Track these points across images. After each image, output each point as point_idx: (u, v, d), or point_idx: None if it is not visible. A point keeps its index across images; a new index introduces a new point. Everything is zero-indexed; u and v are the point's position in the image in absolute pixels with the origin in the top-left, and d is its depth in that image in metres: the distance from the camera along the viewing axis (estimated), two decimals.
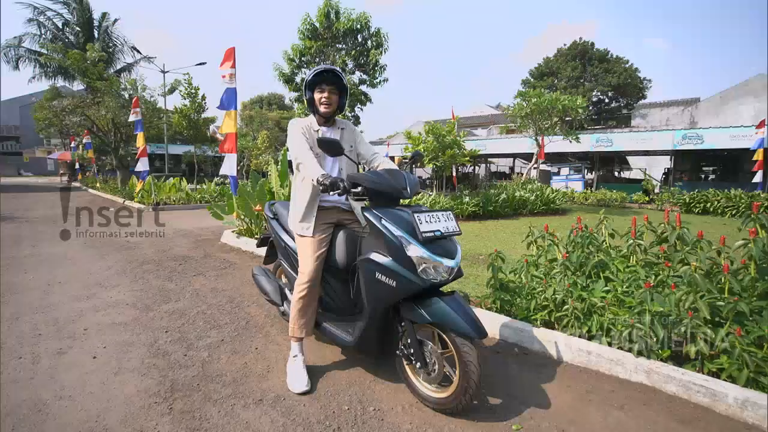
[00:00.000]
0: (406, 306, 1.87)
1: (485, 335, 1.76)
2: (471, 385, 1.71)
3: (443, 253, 1.81)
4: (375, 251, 1.88)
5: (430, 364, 1.88)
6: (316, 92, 2.24)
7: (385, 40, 16.61)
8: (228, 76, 6.25)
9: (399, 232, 1.80)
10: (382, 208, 1.93)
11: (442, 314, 1.76)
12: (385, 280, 1.82)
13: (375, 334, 1.99)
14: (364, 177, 1.99)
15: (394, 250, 1.80)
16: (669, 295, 2.34)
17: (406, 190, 1.96)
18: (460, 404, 1.77)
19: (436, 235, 1.81)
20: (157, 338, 2.67)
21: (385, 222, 1.85)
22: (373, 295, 1.89)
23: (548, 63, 29.44)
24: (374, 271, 1.85)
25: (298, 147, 2.16)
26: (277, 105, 38.31)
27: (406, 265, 1.77)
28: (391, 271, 1.79)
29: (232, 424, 1.76)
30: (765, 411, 1.80)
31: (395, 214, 1.88)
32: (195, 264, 4.72)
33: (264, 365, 2.30)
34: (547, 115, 12.18)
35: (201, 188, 13.81)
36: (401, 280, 1.77)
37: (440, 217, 1.92)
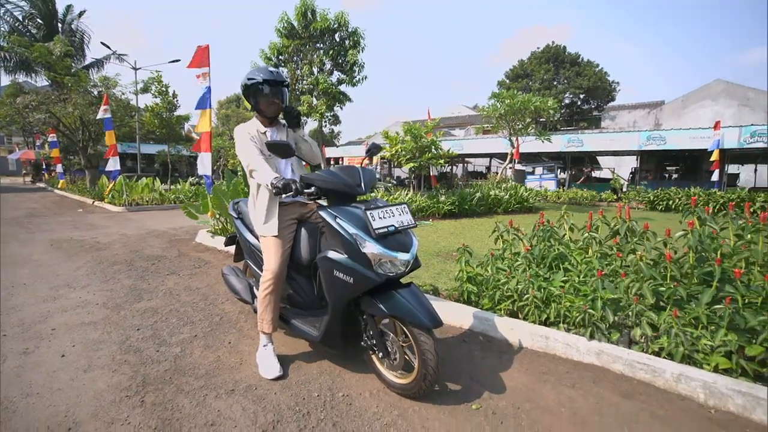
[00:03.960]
0: (366, 300, 1.94)
1: (440, 324, 1.83)
2: (429, 371, 1.80)
3: (398, 247, 1.87)
4: (332, 249, 1.93)
5: (392, 354, 1.97)
6: (259, 96, 2.23)
7: (362, 38, 16.68)
8: (202, 76, 6.20)
9: (354, 230, 1.84)
10: (338, 207, 1.96)
11: (399, 307, 1.83)
12: (342, 277, 1.86)
13: (339, 328, 2.04)
14: (316, 177, 2.01)
15: (350, 248, 1.84)
16: (619, 283, 2.53)
17: (360, 186, 1.99)
18: (422, 389, 1.86)
19: (389, 230, 1.86)
20: (129, 336, 2.67)
21: (339, 221, 1.89)
22: (332, 291, 1.94)
23: (523, 65, 30.22)
24: (332, 268, 1.89)
25: (248, 153, 2.16)
26: None
27: (361, 261, 1.82)
28: (348, 268, 1.84)
29: (204, 413, 1.81)
30: (697, 383, 1.99)
31: (349, 212, 1.92)
32: (168, 263, 4.68)
33: (237, 358, 2.35)
34: (521, 116, 12.55)
35: (175, 188, 13.51)
36: (357, 276, 1.83)
37: (394, 211, 1.96)
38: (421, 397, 1.93)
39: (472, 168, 28.52)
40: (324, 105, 16.31)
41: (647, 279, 2.49)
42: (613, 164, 22.92)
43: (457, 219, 8.80)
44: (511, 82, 29.57)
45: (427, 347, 1.80)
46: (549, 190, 16.83)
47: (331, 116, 18.49)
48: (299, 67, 17.48)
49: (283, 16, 16.29)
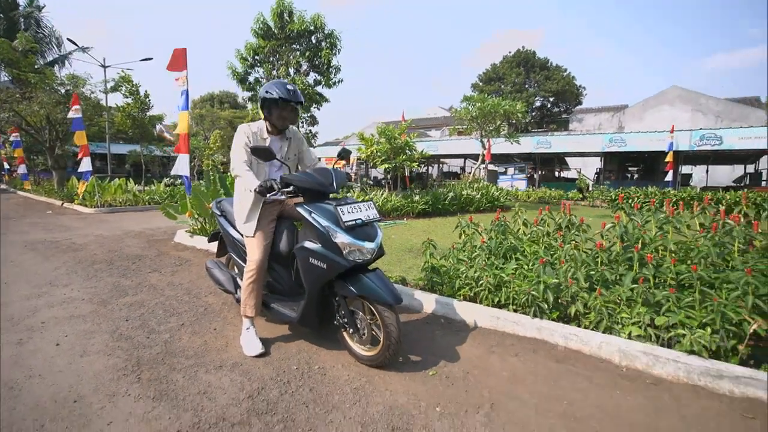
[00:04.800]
0: (338, 283, 2.25)
1: (400, 301, 2.16)
2: (392, 341, 2.12)
3: (365, 237, 2.19)
4: (308, 240, 2.23)
5: (361, 330, 2.30)
6: (274, 109, 2.46)
7: (338, 41, 16.91)
8: (180, 79, 6.32)
9: (326, 223, 2.14)
10: (312, 203, 2.26)
11: (366, 287, 2.14)
12: (317, 263, 2.16)
13: (314, 310, 2.34)
14: (294, 177, 2.32)
15: (323, 238, 2.14)
16: (559, 269, 2.94)
17: (332, 185, 2.30)
18: (386, 358, 2.18)
19: (357, 223, 2.19)
20: (118, 326, 2.87)
21: (314, 215, 2.19)
22: (309, 276, 2.23)
23: (495, 69, 31.20)
24: (308, 256, 2.19)
25: (236, 159, 2.42)
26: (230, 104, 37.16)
27: (333, 250, 2.12)
28: (322, 256, 2.14)
29: (196, 384, 2.08)
30: (614, 348, 2.41)
31: (322, 207, 2.22)
32: (149, 262, 4.82)
33: (223, 342, 2.61)
34: (491, 118, 13.13)
35: (149, 189, 13.34)
36: (330, 262, 2.13)
37: (362, 207, 2.30)
38: (387, 366, 2.25)
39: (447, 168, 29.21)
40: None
41: (582, 265, 2.91)
42: (580, 165, 24.07)
43: (430, 218, 9.20)
44: (484, 85, 30.47)
45: (390, 321, 2.11)
46: (520, 190, 17.58)
47: (309, 117, 18.63)
48: (275, 68, 17.53)
49: (258, 16, 16.32)
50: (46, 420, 1.79)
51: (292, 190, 2.29)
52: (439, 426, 1.77)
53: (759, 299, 2.22)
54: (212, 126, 25.91)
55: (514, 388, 2.10)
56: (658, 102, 25.20)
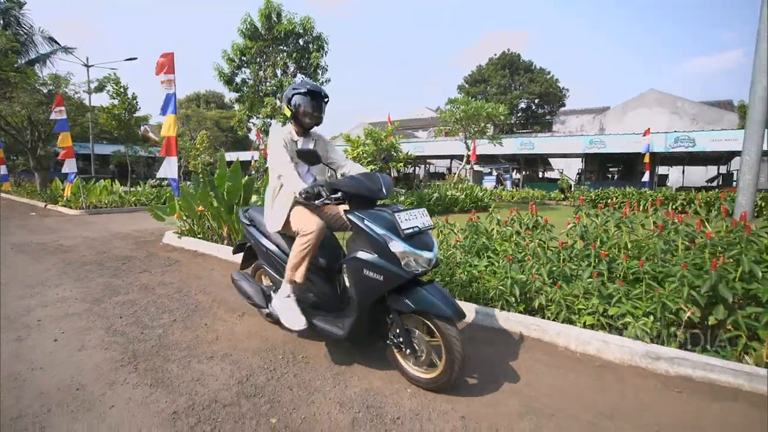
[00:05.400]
0: (392, 297, 2.05)
1: (463, 316, 2.00)
2: (457, 361, 1.93)
3: (423, 246, 2.03)
4: (361, 250, 2.04)
5: (418, 350, 2.09)
6: (306, 105, 2.40)
7: (326, 43, 17.06)
8: (167, 82, 6.43)
9: (382, 231, 1.97)
10: (363, 210, 2.10)
11: (425, 301, 1.95)
12: (372, 276, 1.98)
13: (365, 326, 2.16)
14: (343, 183, 2.16)
15: (379, 248, 1.96)
16: (525, 266, 3.21)
17: (382, 191, 2.15)
18: (450, 381, 1.99)
19: (415, 231, 2.02)
20: (113, 323, 3.03)
21: (368, 222, 2.02)
22: (361, 289, 2.05)
23: (481, 71, 31.73)
24: (361, 268, 2.01)
25: (280, 161, 2.32)
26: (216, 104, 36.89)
27: (390, 260, 1.95)
28: (378, 267, 1.96)
29: (190, 373, 2.27)
30: (571, 336, 2.68)
31: (376, 214, 2.06)
32: (139, 263, 4.95)
33: (213, 335, 2.80)
34: (475, 120, 13.49)
35: (135, 190, 13.30)
36: (387, 274, 1.95)
37: (416, 214, 2.14)
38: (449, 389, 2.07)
39: (433, 169, 29.58)
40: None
41: (546, 262, 3.18)
42: (563, 166, 24.70)
43: None
44: (470, 87, 30.96)
45: (453, 338, 1.93)
46: (504, 190, 17.99)
47: None
48: (263, 69, 17.59)
49: (246, 17, 16.36)
50: (53, 405, 1.97)
51: (340, 197, 2.16)
52: (408, 403, 2.01)
53: (693, 290, 2.51)
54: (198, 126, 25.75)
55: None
56: (637, 104, 26.00)
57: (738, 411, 1.99)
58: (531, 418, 1.92)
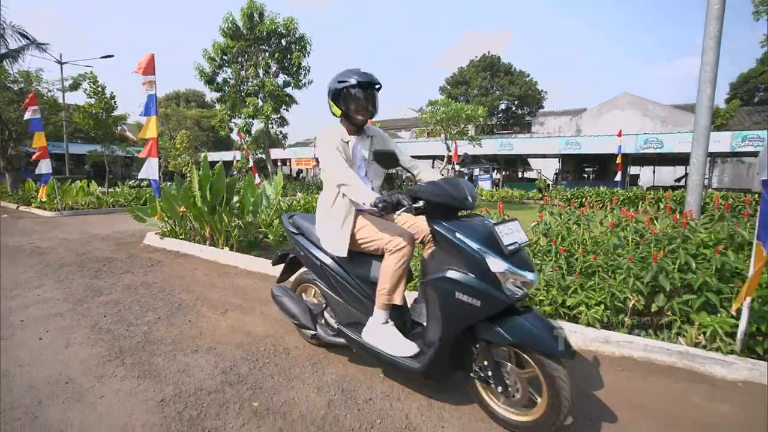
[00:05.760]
0: (483, 326, 1.74)
1: (574, 354, 1.66)
2: (563, 404, 1.61)
3: (524, 265, 1.70)
4: (451, 268, 1.74)
5: (511, 387, 1.77)
6: (351, 100, 2.08)
7: (309, 44, 17.11)
8: (148, 83, 6.45)
9: (478, 246, 1.68)
10: (451, 221, 1.82)
11: (528, 334, 1.64)
12: (467, 300, 1.68)
13: (447, 358, 1.84)
14: (425, 190, 1.85)
15: (476, 266, 1.66)
16: None
17: (468, 200, 1.84)
18: (553, 426, 1.67)
19: (516, 247, 1.73)
20: (97, 322, 3.12)
21: (460, 236, 1.73)
22: (450, 316, 1.75)
23: (462, 73, 32.28)
24: (453, 290, 1.71)
25: (338, 167, 2.00)
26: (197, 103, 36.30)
27: (490, 281, 1.64)
28: (474, 289, 1.66)
29: (176, 365, 2.41)
30: None
31: (469, 225, 1.78)
32: (120, 264, 4.99)
33: (197, 331, 2.93)
34: (455, 121, 13.81)
35: (113, 191, 13.08)
36: (486, 298, 1.64)
37: (513, 227, 1.81)
38: None
39: None
40: (270, 107, 16.52)
41: None
42: (541, 166, 25.41)
43: None
44: (451, 89, 31.46)
45: (559, 377, 1.61)
46: (485, 190, 18.44)
47: (278, 118, 18.73)
48: (244, 69, 17.52)
49: (228, 16, 16.25)
50: (43, 397, 2.08)
51: (421, 206, 1.83)
52: (380, 387, 2.20)
53: (638, 281, 2.80)
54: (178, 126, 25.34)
55: None
56: (611, 107, 26.95)
57: (664, 383, 2.27)
58: None
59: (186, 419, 1.90)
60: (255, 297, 3.71)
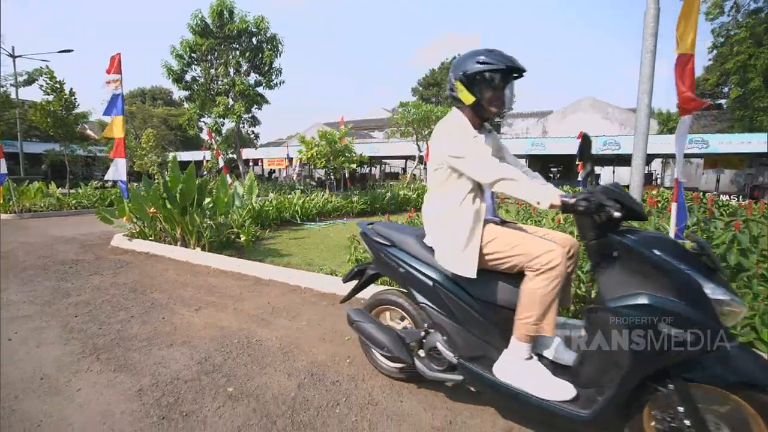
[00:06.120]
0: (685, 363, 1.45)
1: None
2: None
3: (730, 290, 1.43)
4: (644, 293, 1.46)
5: None
6: (487, 87, 1.75)
7: (280, 44, 17.02)
8: (114, 82, 6.36)
9: (683, 266, 1.42)
10: (638, 233, 1.56)
11: (744, 371, 1.38)
12: (672, 332, 1.38)
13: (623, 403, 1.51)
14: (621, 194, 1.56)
15: (687, 291, 1.40)
16: None
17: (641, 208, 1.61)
18: None
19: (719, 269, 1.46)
20: (68, 322, 3.16)
21: (659, 252, 1.45)
22: (644, 352, 1.42)
23: (434, 74, 32.90)
24: (654, 321, 1.41)
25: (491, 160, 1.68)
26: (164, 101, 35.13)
27: (705, 310, 1.38)
28: (685, 320, 1.38)
29: (152, 358, 2.52)
30: None
31: (662, 239, 1.54)
32: (88, 266, 4.94)
33: (171, 327, 3.03)
34: (426, 123, 14.19)
35: (76, 192, 12.59)
36: (702, 330, 1.36)
37: None
38: None
39: (389, 169, 30.26)
40: (242, 107, 16.33)
41: None
42: None
43: (369, 217, 9.89)
44: (423, 90, 32.01)
45: None
46: None
47: (250, 118, 18.51)
48: (214, 67, 17.21)
49: (196, 13, 15.93)
50: (19, 392, 2.15)
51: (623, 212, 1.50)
52: (347, 371, 2.41)
53: (579, 271, 3.13)
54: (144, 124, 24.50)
55: None
56: (574, 110, 28.27)
57: None
58: None
59: (164, 405, 2.03)
60: (228, 294, 3.82)
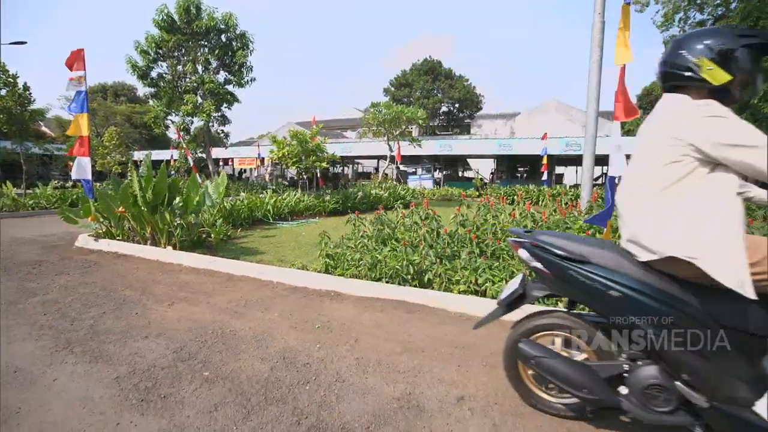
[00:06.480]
0: None
1: None
2: None
3: None
4: None
5: None
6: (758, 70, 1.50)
7: (251, 42, 16.83)
8: (77, 79, 6.23)
9: None
10: None
11: None
12: None
13: None
14: None
15: None
16: (418, 249, 3.99)
17: None
18: None
19: None
20: (37, 319, 3.17)
21: None
22: None
23: (405, 75, 33.36)
24: None
25: None
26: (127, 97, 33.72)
27: None
28: None
29: (127, 349, 2.62)
30: (449, 301, 3.49)
31: None
32: (53, 266, 4.86)
33: (145, 322, 3.12)
34: (397, 123, 14.49)
35: (34, 193, 12.01)
36: None
37: None
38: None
39: (361, 169, 30.44)
40: (211, 105, 16.04)
41: (435, 245, 4.00)
42: (479, 166, 27.12)
43: (341, 216, 10.03)
44: (395, 90, 32.40)
45: None
46: (426, 188, 19.40)
47: (220, 116, 18.18)
48: (181, 64, 16.81)
49: (162, 8, 15.50)
50: None
51: None
52: (317, 354, 2.60)
53: None
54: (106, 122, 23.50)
55: (375, 331, 3.03)
56: (540, 112, 29.49)
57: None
58: (408, 354, 2.63)
59: (142, 389, 2.16)
60: (201, 290, 3.91)
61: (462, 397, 2.15)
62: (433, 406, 2.07)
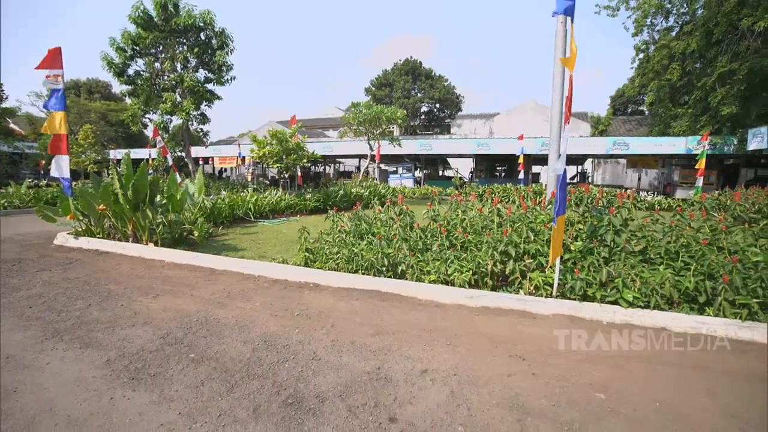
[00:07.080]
0: None
1: None
2: None
3: None
4: None
5: None
6: None
7: (230, 40, 16.73)
8: (53, 77, 6.22)
9: None
10: None
11: None
12: None
13: None
14: None
15: None
16: (393, 243, 4.25)
17: None
18: None
19: None
20: (24, 312, 3.28)
21: None
22: None
23: (386, 75, 33.63)
24: None
25: None
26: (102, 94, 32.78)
27: None
28: None
29: (116, 336, 2.78)
30: (421, 290, 3.76)
31: None
32: (33, 264, 4.90)
33: (131, 312, 3.27)
34: (376, 123, 14.72)
35: (6, 192, 11.70)
36: None
37: None
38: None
39: (343, 168, 30.55)
40: (191, 104, 15.90)
41: (407, 239, 4.27)
42: (459, 165, 27.65)
43: (322, 214, 10.19)
44: (376, 90, 32.63)
45: None
46: (407, 187, 19.72)
47: (199, 115, 18.00)
48: (159, 61, 16.57)
49: (138, 5, 15.25)
50: None
51: None
52: (295, 337, 2.83)
53: (495, 251, 3.77)
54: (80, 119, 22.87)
55: (350, 317, 3.27)
56: (519, 112, 30.25)
57: (504, 320, 3.22)
58: (379, 336, 2.89)
59: (133, 370, 2.34)
60: (184, 284, 4.07)
61: (425, 370, 2.42)
62: (400, 378, 2.33)
